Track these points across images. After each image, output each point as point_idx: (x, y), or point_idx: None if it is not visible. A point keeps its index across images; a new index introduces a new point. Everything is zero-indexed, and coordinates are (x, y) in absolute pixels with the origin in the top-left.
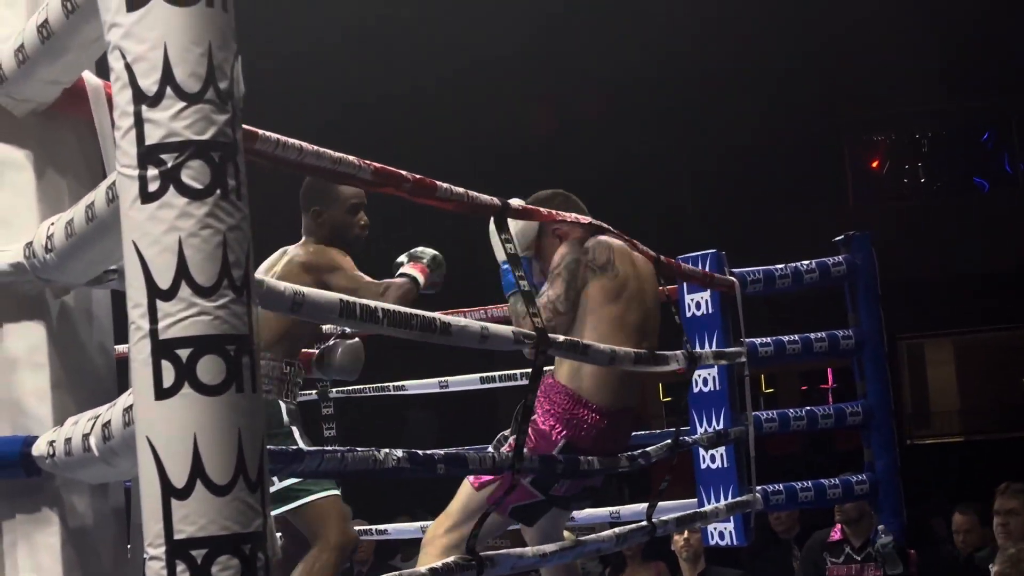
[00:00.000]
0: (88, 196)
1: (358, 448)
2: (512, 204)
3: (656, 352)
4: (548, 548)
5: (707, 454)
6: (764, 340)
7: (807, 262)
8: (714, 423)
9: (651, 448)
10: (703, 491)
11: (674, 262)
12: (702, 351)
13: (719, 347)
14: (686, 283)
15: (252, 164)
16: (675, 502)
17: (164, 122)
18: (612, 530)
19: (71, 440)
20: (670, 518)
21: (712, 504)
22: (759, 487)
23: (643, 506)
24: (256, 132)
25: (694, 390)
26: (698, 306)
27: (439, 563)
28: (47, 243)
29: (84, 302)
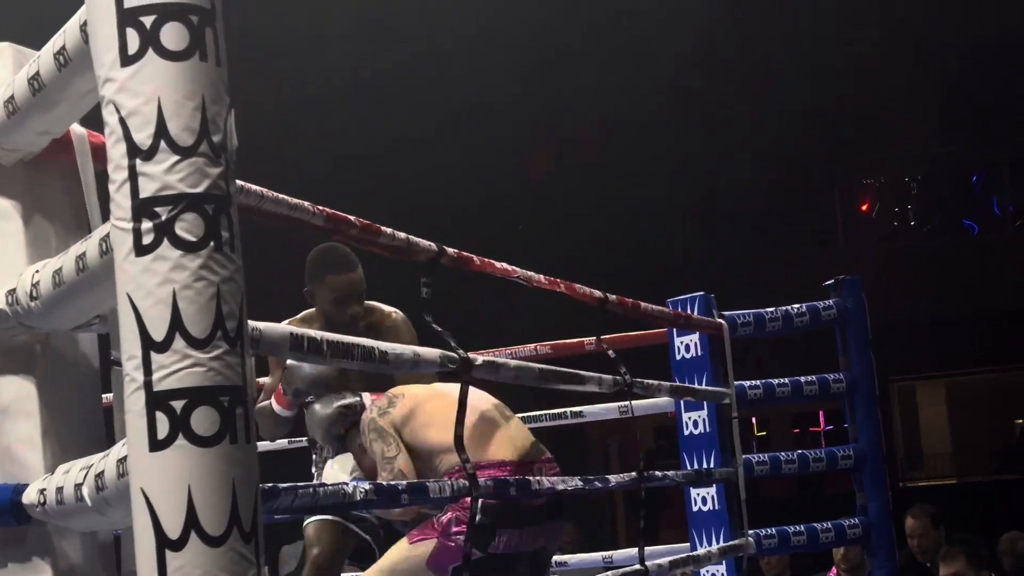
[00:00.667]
0: (78, 246)
1: (328, 483)
2: (448, 252)
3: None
4: None
5: (698, 496)
6: (753, 383)
7: (798, 305)
8: (704, 465)
9: (612, 476)
10: (695, 533)
11: (631, 304)
12: (651, 382)
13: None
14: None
15: (246, 218)
16: (668, 546)
17: (158, 175)
18: (606, 574)
19: (63, 489)
20: (664, 561)
21: (704, 547)
22: (751, 531)
23: (635, 551)
24: None
25: (684, 433)
26: (687, 348)
27: None
28: (32, 290)
29: (71, 348)
